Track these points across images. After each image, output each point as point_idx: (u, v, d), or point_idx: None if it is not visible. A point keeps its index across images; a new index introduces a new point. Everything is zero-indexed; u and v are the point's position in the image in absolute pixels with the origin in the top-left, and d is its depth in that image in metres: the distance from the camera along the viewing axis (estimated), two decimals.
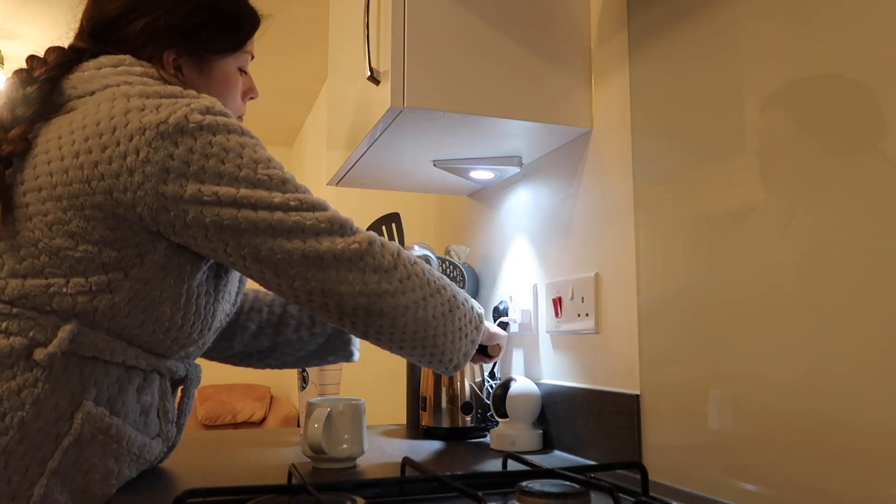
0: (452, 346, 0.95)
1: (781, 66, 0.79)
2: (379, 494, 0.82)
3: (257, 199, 0.83)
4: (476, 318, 0.99)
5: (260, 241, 0.83)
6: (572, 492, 0.70)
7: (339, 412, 1.03)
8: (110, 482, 0.86)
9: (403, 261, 0.90)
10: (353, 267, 0.86)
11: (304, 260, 0.84)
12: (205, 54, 0.98)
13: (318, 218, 0.86)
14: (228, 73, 1.02)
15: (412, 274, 0.90)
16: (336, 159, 1.45)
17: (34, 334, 0.80)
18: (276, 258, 0.84)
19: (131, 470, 0.89)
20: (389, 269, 0.88)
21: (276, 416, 4.52)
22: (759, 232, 0.81)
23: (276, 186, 0.85)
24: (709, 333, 0.88)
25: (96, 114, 0.83)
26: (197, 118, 0.82)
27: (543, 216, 1.31)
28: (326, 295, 0.86)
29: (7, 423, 0.77)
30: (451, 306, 0.94)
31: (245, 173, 0.83)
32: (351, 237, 0.87)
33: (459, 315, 0.96)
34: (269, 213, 0.83)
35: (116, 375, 0.86)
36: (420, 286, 0.91)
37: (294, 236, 0.84)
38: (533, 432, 1.21)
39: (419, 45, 1.08)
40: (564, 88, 1.16)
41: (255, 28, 1.04)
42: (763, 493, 0.79)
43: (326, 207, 0.88)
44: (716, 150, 0.88)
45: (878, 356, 0.66)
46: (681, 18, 0.96)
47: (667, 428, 0.95)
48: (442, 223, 1.88)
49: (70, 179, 0.81)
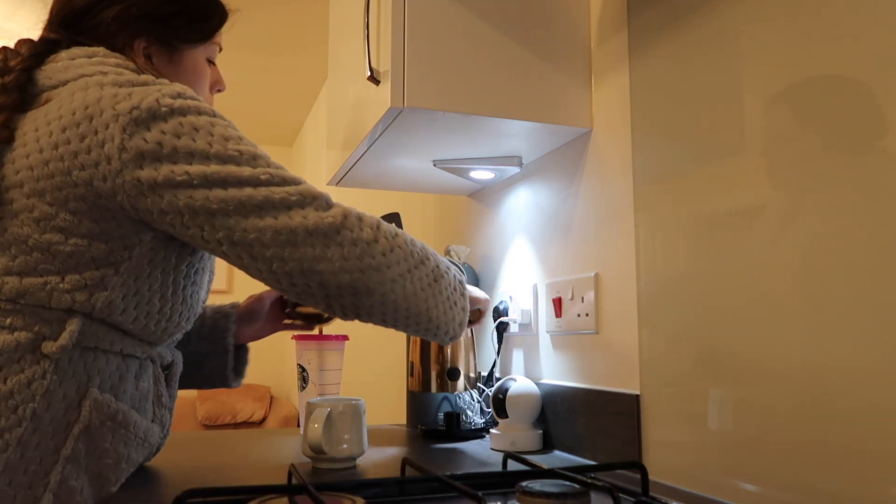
0: (445, 316, 0.92)
1: (781, 65, 0.79)
2: (379, 494, 0.82)
3: (226, 174, 0.81)
4: (460, 285, 0.97)
5: (233, 221, 0.81)
6: (572, 492, 0.70)
7: (339, 412, 1.03)
8: (121, 466, 0.87)
9: (384, 233, 0.86)
10: (331, 242, 0.82)
11: (276, 238, 0.81)
12: (175, 43, 0.99)
13: (289, 192, 0.83)
14: (197, 63, 1.02)
15: (395, 246, 0.86)
16: (336, 159, 1.45)
17: (39, 329, 0.81)
18: (250, 238, 0.81)
19: (139, 454, 0.91)
20: (370, 241, 0.84)
21: (276, 416, 4.52)
22: (760, 232, 0.81)
23: (246, 161, 0.83)
24: (709, 333, 0.88)
25: (71, 104, 0.83)
26: (168, 102, 0.82)
27: (543, 216, 1.31)
28: (307, 275, 0.82)
29: (20, 414, 0.78)
30: (436, 276, 0.91)
31: (215, 149, 0.82)
32: (325, 211, 0.83)
33: (445, 284, 0.93)
34: (239, 190, 0.81)
35: (116, 364, 0.87)
36: (404, 258, 0.87)
37: (265, 213, 0.81)
38: (533, 432, 1.21)
39: (419, 45, 1.08)
40: (564, 88, 1.16)
41: (224, 20, 1.05)
42: (763, 493, 0.79)
43: (299, 182, 0.85)
44: (716, 150, 0.88)
45: (879, 357, 0.66)
46: (681, 18, 0.96)
47: (667, 428, 0.95)
48: (442, 223, 1.88)
49: (51, 172, 0.81)
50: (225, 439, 1.34)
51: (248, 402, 4.58)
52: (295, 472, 0.83)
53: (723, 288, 0.86)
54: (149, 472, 1.00)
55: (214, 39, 1.04)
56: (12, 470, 0.77)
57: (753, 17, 0.83)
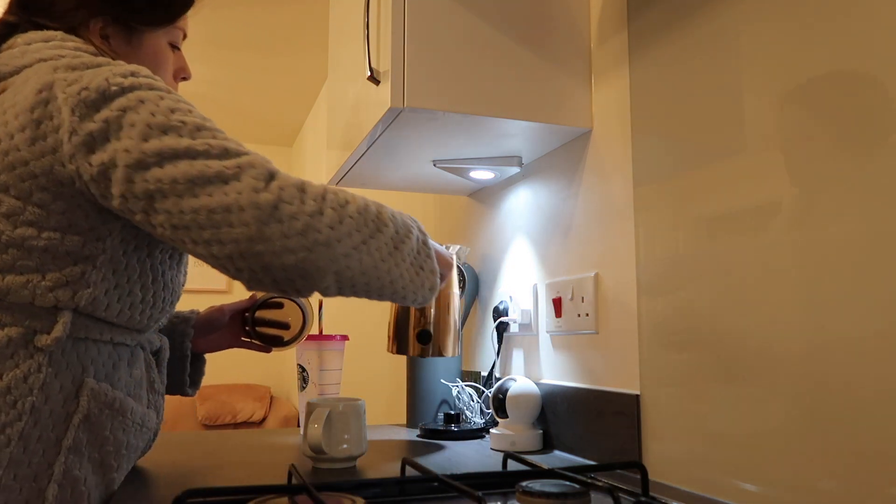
0: (413, 284, 0.85)
1: (781, 64, 0.79)
2: (379, 494, 0.82)
3: (162, 148, 0.75)
4: (424, 247, 0.88)
5: (170, 203, 0.75)
6: (572, 492, 0.70)
7: (339, 412, 1.03)
8: (122, 452, 0.88)
9: (332, 202, 0.77)
10: (269, 219, 0.73)
11: (211, 217, 0.74)
12: (134, 24, 0.96)
13: (226, 165, 0.75)
14: (158, 47, 0.99)
15: (345, 216, 0.78)
16: (336, 159, 1.45)
17: (30, 323, 0.81)
18: (187, 220, 0.74)
19: (138, 440, 0.91)
20: (314, 214, 0.75)
21: (276, 416, 4.52)
22: (760, 232, 0.81)
23: (188, 132, 0.77)
24: (709, 333, 0.88)
25: (25, 91, 0.81)
26: (118, 81, 0.79)
27: (543, 216, 1.31)
28: (247, 258, 0.74)
29: (19, 409, 0.78)
30: (397, 242, 0.83)
31: (157, 120, 0.77)
32: (263, 183, 0.75)
33: (408, 250, 0.85)
34: (174, 166, 0.75)
35: (108, 353, 0.87)
36: (357, 228, 0.78)
37: (200, 189, 0.74)
38: (533, 432, 1.21)
39: (419, 45, 1.08)
40: (564, 88, 1.16)
41: (189, 4, 1.02)
42: (763, 493, 0.79)
43: (242, 152, 0.77)
44: (716, 150, 0.88)
45: (879, 357, 0.66)
46: (681, 18, 0.96)
47: (667, 428, 0.95)
48: (442, 223, 1.88)
49: (11, 163, 0.80)
50: (225, 439, 1.34)
51: (248, 402, 4.57)
52: (295, 472, 0.83)
53: (723, 288, 0.86)
54: (149, 472, 1.00)
55: (178, 24, 1.01)
56: (16, 464, 0.77)
57: (753, 17, 0.83)
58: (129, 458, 0.90)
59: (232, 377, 4.87)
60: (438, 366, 1.46)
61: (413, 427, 1.46)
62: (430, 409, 1.45)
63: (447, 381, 1.45)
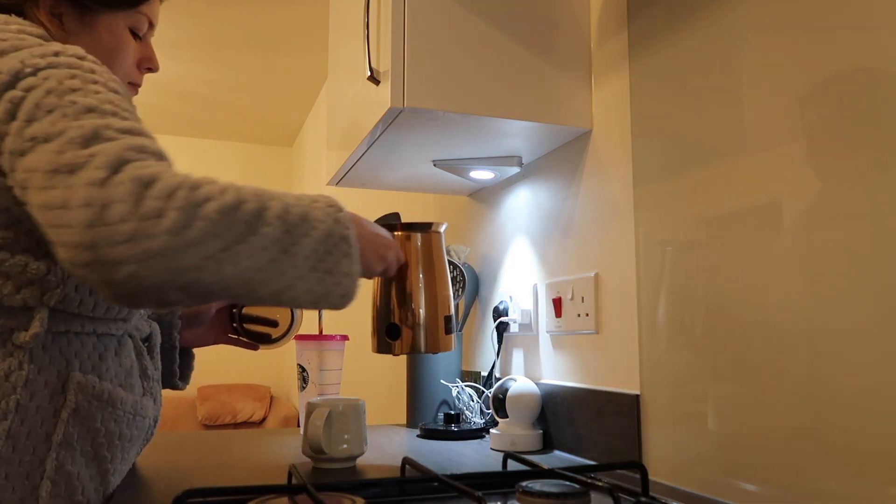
0: (313, 292, 0.73)
1: (782, 64, 0.79)
2: (379, 494, 0.82)
3: (37, 132, 0.67)
4: (340, 245, 0.75)
5: (31, 195, 0.66)
6: (572, 492, 0.70)
7: (339, 412, 1.03)
8: (115, 443, 0.87)
9: (180, 201, 0.63)
10: (97, 222, 0.61)
11: (48, 216, 0.64)
12: (87, 2, 0.89)
13: (80, 154, 0.65)
14: (115, 31, 0.92)
15: (195, 220, 0.63)
16: (336, 159, 1.45)
17: (5, 322, 0.79)
18: (41, 218, 0.65)
19: (132, 429, 0.90)
20: (149, 217, 0.62)
21: (276, 416, 4.52)
22: (760, 231, 0.81)
23: (72, 114, 0.67)
24: (709, 333, 0.88)
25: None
26: (34, 62, 0.73)
27: (543, 216, 1.32)
28: (81, 268, 0.63)
29: (4, 407, 0.77)
30: (286, 245, 0.69)
31: (49, 100, 0.69)
32: (104, 174, 0.63)
33: (306, 252, 0.71)
34: (39, 153, 0.66)
35: (93, 344, 0.86)
36: (215, 233, 0.64)
37: (49, 181, 0.64)
38: (533, 432, 1.21)
39: (419, 45, 1.08)
40: (564, 88, 1.16)
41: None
42: (763, 493, 0.79)
43: (110, 138, 0.66)
44: (716, 150, 0.88)
45: (879, 357, 0.66)
46: (681, 19, 0.96)
47: (667, 428, 0.95)
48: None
49: None
50: (225, 439, 1.34)
51: (248, 402, 4.58)
52: (295, 472, 0.83)
53: (723, 288, 0.86)
54: (149, 472, 1.00)
55: (140, 10, 0.94)
56: (6, 463, 0.77)
57: (753, 17, 0.83)
58: (124, 449, 0.89)
59: (232, 377, 4.87)
60: (438, 366, 1.46)
61: (413, 427, 1.46)
62: (430, 409, 1.45)
63: (447, 382, 1.45)
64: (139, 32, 0.96)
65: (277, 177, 5.15)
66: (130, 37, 0.95)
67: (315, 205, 0.75)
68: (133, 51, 0.96)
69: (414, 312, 1.00)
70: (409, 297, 1.01)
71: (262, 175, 5.11)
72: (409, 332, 1.00)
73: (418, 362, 1.46)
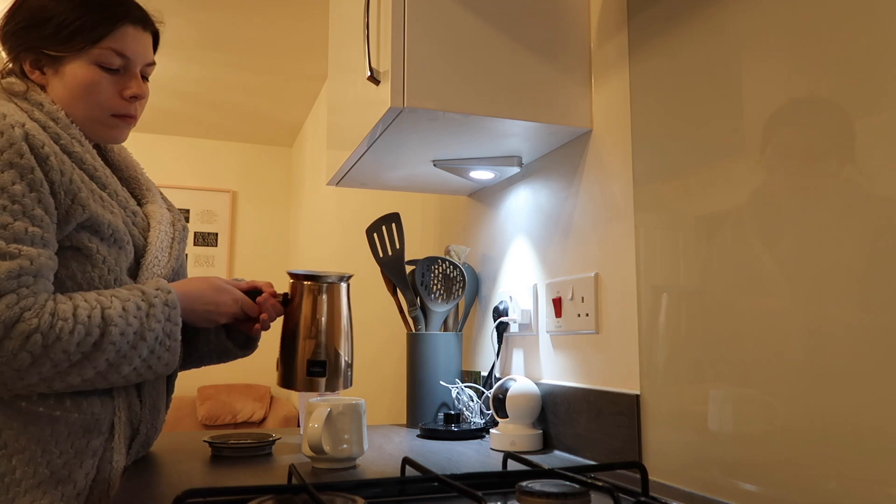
0: (141, 376, 0.98)
1: (782, 64, 0.79)
2: (379, 494, 0.82)
3: None
4: (165, 340, 0.99)
5: None
6: (572, 492, 0.70)
7: (339, 412, 1.03)
8: (85, 460, 0.97)
9: (34, 346, 0.88)
10: None
11: None
12: (49, 52, 1.01)
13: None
14: (84, 72, 1.02)
15: (45, 356, 0.88)
16: (336, 159, 1.45)
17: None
18: None
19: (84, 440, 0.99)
20: (6, 356, 0.86)
21: (276, 416, 4.52)
22: (760, 232, 0.81)
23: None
24: (709, 333, 0.88)
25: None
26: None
27: (543, 216, 1.31)
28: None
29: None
30: (111, 364, 0.94)
31: None
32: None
33: (140, 354, 0.96)
34: None
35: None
36: (63, 368, 0.90)
37: None
38: (533, 432, 1.21)
39: (419, 45, 1.08)
40: (564, 88, 1.16)
41: (110, 22, 1.03)
42: (763, 493, 0.79)
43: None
44: (716, 150, 0.88)
45: (879, 357, 0.66)
46: (681, 18, 0.96)
47: (667, 428, 0.95)
48: (442, 223, 1.88)
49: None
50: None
51: (248, 402, 4.57)
52: (295, 472, 0.83)
53: (723, 287, 0.86)
54: (149, 472, 1.00)
55: (101, 45, 1.02)
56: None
57: (753, 17, 0.83)
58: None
59: (232, 377, 4.87)
60: (439, 366, 1.46)
61: (413, 427, 1.46)
62: (430, 410, 1.45)
63: (446, 383, 1.45)
64: (110, 66, 1.04)
65: (277, 177, 5.15)
66: (100, 72, 1.03)
67: (151, 310, 0.97)
68: (108, 84, 1.04)
69: (283, 351, 1.17)
70: (284, 339, 1.17)
71: (263, 175, 5.11)
72: (279, 366, 1.18)
73: (418, 363, 1.46)
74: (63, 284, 0.96)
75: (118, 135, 1.08)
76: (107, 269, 0.99)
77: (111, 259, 0.99)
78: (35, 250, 0.90)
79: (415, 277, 1.48)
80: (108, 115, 1.05)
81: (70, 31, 1.00)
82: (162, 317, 0.98)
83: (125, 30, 1.04)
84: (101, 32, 1.02)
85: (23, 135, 0.90)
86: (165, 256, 1.09)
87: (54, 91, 1.02)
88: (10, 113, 0.92)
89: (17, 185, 0.89)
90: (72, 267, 0.96)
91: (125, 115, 1.07)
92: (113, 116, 1.06)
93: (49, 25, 1.00)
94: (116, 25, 1.03)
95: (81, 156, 1.00)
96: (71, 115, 1.02)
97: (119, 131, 1.08)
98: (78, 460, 0.96)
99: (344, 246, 3.32)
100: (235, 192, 5.02)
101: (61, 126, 1.00)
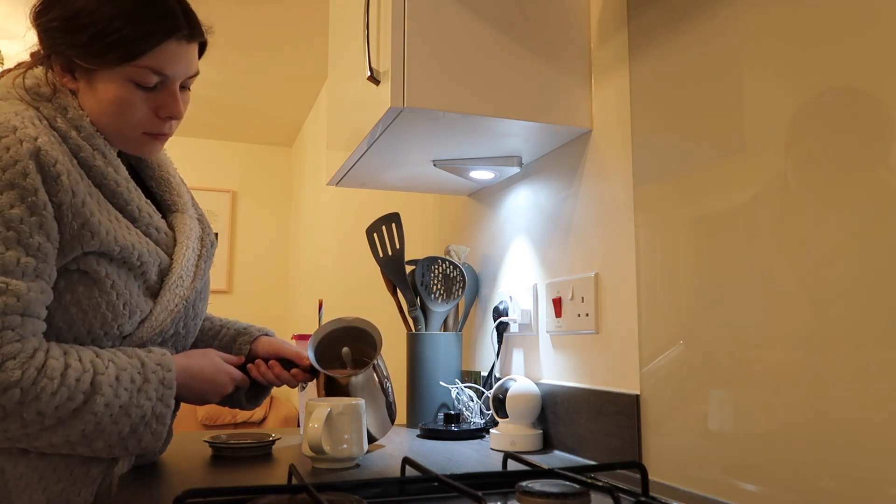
0: (128, 450, 0.95)
1: (782, 64, 0.79)
2: (379, 494, 0.82)
3: None
4: (160, 414, 0.94)
5: None
6: (572, 492, 0.70)
7: (339, 412, 1.03)
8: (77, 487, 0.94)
9: (9, 402, 0.82)
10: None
11: None
12: (81, 63, 0.92)
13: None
14: (117, 87, 0.93)
15: (20, 412, 0.83)
16: (336, 159, 1.45)
17: None
18: None
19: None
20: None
21: (276, 416, 4.52)
22: (760, 232, 0.81)
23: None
24: (709, 333, 0.88)
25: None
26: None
27: (543, 216, 1.31)
28: None
29: None
30: (90, 435, 0.89)
31: None
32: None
33: (111, 434, 0.91)
34: None
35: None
36: (40, 425, 0.85)
37: None
38: (533, 432, 1.21)
39: (419, 45, 1.08)
40: (564, 88, 1.16)
41: (152, 38, 0.92)
42: (763, 493, 0.79)
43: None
44: (716, 150, 0.88)
45: (879, 356, 0.66)
46: (681, 18, 0.96)
47: (667, 428, 0.95)
48: (442, 223, 1.88)
49: None
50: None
51: None
52: (295, 472, 0.83)
53: (723, 288, 0.86)
54: (149, 473, 1.00)
55: (138, 63, 0.92)
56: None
57: (753, 17, 0.83)
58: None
59: None
60: (439, 366, 1.46)
61: (413, 427, 1.46)
62: (430, 410, 1.45)
63: (446, 383, 1.45)
64: (145, 84, 0.94)
65: (277, 177, 5.15)
66: (134, 90, 0.94)
67: (145, 385, 0.93)
68: (142, 103, 0.95)
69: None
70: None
71: (262, 175, 5.11)
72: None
73: (418, 363, 1.46)
74: (67, 310, 0.91)
75: (148, 151, 1.02)
76: (115, 294, 0.93)
77: (121, 283, 0.94)
78: (24, 284, 0.84)
79: (415, 277, 1.48)
80: (139, 133, 0.98)
81: (105, 45, 0.90)
82: (154, 395, 0.93)
83: (167, 47, 0.93)
84: (139, 49, 0.91)
85: (31, 151, 0.84)
86: (190, 276, 1.03)
87: (84, 99, 0.95)
88: (23, 126, 0.86)
89: (15, 209, 0.83)
90: (78, 292, 0.91)
91: (158, 134, 1.00)
92: (145, 134, 0.99)
93: (83, 34, 0.90)
94: (159, 42, 0.93)
95: (103, 170, 0.94)
96: (98, 125, 0.95)
97: (150, 148, 1.01)
98: (76, 488, 0.93)
99: (344, 246, 3.32)
100: (235, 192, 5.02)
101: (84, 136, 0.93)
